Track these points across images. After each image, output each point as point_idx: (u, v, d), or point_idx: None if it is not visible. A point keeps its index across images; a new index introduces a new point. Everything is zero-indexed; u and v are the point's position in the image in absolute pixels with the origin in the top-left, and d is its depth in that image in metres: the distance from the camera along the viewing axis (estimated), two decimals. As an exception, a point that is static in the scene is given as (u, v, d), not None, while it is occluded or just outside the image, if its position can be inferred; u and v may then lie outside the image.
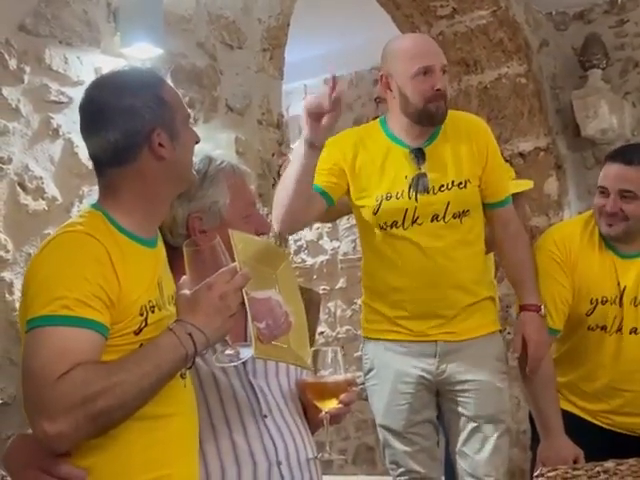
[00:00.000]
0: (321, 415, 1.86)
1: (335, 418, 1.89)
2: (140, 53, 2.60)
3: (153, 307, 1.62)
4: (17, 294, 2.17)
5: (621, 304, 2.61)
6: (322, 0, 3.89)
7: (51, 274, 1.54)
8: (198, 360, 1.76)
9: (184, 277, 1.66)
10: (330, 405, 1.85)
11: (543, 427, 2.60)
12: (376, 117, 3.09)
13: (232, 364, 1.70)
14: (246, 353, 1.64)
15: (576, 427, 2.61)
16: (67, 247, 1.58)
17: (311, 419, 1.97)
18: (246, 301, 1.59)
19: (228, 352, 1.65)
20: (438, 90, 2.53)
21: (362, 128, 2.80)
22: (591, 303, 2.63)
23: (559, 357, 2.70)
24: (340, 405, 1.85)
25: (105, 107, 1.67)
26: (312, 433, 1.98)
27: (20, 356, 1.53)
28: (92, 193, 2.38)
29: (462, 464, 2.63)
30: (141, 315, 1.59)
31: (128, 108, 1.66)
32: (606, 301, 2.61)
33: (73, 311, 1.49)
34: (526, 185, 3.45)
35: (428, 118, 2.57)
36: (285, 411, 1.90)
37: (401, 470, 2.64)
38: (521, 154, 4.51)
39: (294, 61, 3.39)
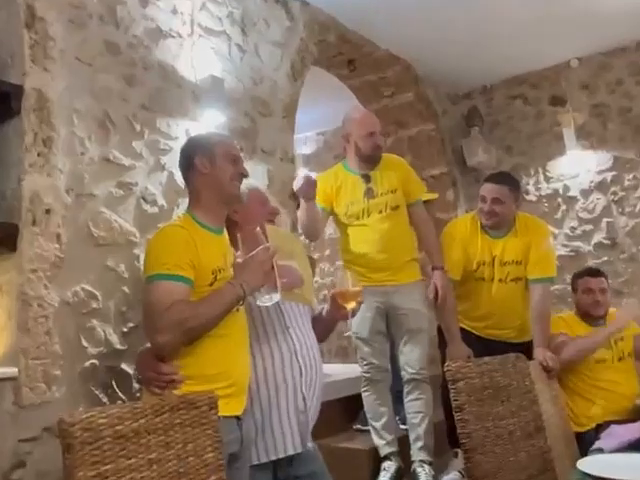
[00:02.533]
0: (345, 311, 1.83)
1: (353, 312, 1.85)
2: (212, 120, 2.56)
3: (220, 270, 1.62)
4: (142, 262, 2.16)
5: (493, 265, 2.63)
6: (316, 86, 3.85)
7: (160, 249, 1.57)
8: (250, 301, 1.77)
9: (238, 252, 1.66)
10: (351, 305, 1.82)
11: (450, 337, 2.61)
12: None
13: (267, 304, 1.68)
14: (275, 298, 1.65)
15: (468, 337, 2.62)
16: (169, 234, 1.61)
17: (331, 317, 1.91)
18: (275, 266, 1.61)
19: (265, 296, 1.66)
20: (377, 145, 2.58)
21: (332, 171, 2.75)
22: (477, 265, 2.64)
23: (457, 295, 2.68)
24: (356, 305, 1.83)
25: (188, 143, 1.77)
26: (332, 325, 1.94)
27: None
28: (183, 202, 2.37)
29: (402, 358, 2.64)
30: (212, 274, 1.60)
31: (193, 142, 1.76)
32: (484, 263, 2.63)
33: (172, 271, 1.52)
34: (433, 196, 3.46)
35: (371, 160, 2.62)
36: (301, 325, 1.89)
37: (365, 362, 2.66)
38: (432, 176, 4.44)
39: (299, 121, 3.36)
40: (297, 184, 2.36)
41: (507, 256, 2.62)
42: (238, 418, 1.65)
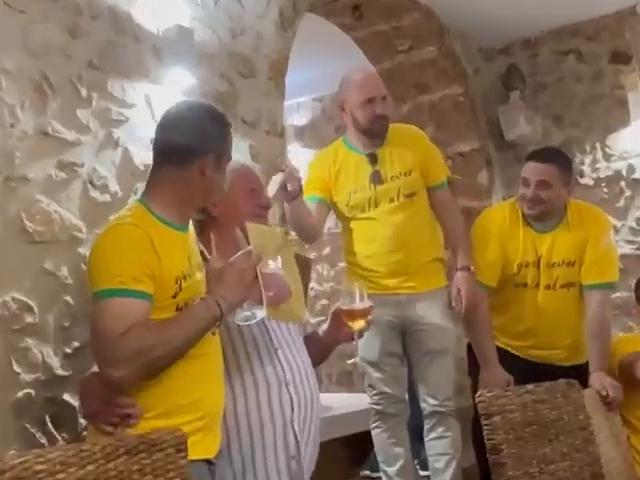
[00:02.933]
0: (353, 331, 1.88)
1: (360, 333, 1.91)
2: (178, 82, 2.56)
3: (185, 276, 1.63)
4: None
5: (538, 267, 2.64)
6: (312, 39, 3.85)
7: (110, 257, 1.57)
8: (228, 317, 1.78)
9: (213, 255, 1.67)
10: (359, 325, 1.88)
11: (483, 359, 2.62)
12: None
13: (248, 323, 1.71)
14: (260, 314, 1.67)
15: (505, 359, 2.63)
16: (120, 237, 1.60)
17: (330, 339, 1.99)
18: (259, 276, 1.61)
19: (246, 313, 1.68)
20: (377, 115, 2.57)
21: (331, 148, 2.79)
22: (518, 266, 2.65)
23: (493, 306, 2.70)
24: (365, 324, 1.88)
25: (190, 119, 1.71)
26: (331, 347, 2.02)
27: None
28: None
29: (422, 387, 2.66)
30: (176, 283, 1.61)
31: (205, 128, 1.70)
32: (528, 265, 2.64)
33: (127, 285, 1.53)
34: (455, 176, 3.48)
35: (372, 134, 2.63)
36: (291, 344, 1.92)
37: (375, 392, 2.67)
38: (460, 154, 4.51)
39: (290, 84, 3.36)
40: (272, 190, 2.30)
41: (556, 255, 2.63)
42: (209, 462, 1.66)
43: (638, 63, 4.29)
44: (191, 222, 1.84)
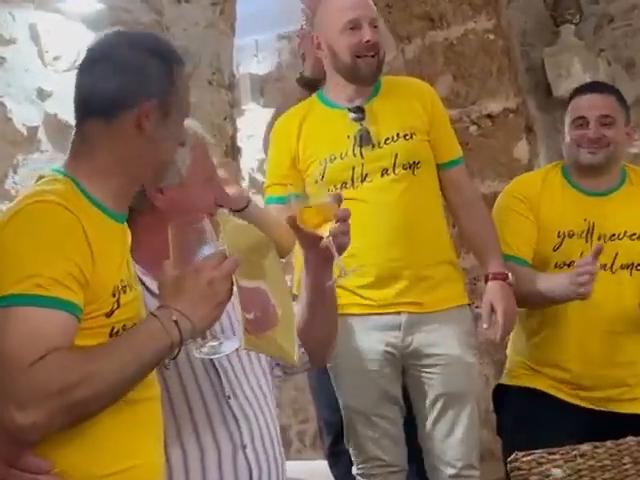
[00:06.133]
0: (323, 242, 1.84)
1: (337, 239, 1.86)
2: (78, 8, 2.56)
3: (125, 287, 1.61)
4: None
5: (587, 239, 2.71)
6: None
7: (23, 249, 1.51)
8: None
9: (167, 261, 1.65)
10: (328, 227, 1.85)
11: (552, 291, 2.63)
12: (301, 73, 3.08)
13: (215, 356, 1.70)
14: (229, 345, 1.65)
15: (542, 408, 2.66)
16: (39, 219, 1.54)
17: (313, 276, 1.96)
18: (236, 289, 1.60)
19: (211, 343, 1.64)
20: (368, 42, 2.57)
21: (301, 106, 2.80)
22: (558, 236, 2.73)
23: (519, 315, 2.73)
24: (337, 223, 1.86)
25: (118, 53, 1.67)
26: (317, 288, 1.97)
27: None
28: (28, 162, 2.36)
29: (431, 448, 2.66)
30: (113, 296, 1.57)
31: (139, 66, 1.65)
32: (573, 234, 2.75)
33: (47, 290, 1.48)
34: None
35: (358, 75, 2.63)
36: (248, 390, 1.92)
37: (364, 457, 2.67)
38: (489, 115, 4.54)
39: (244, 15, 3.36)
40: None
41: (616, 224, 2.72)
42: None
43: None
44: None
